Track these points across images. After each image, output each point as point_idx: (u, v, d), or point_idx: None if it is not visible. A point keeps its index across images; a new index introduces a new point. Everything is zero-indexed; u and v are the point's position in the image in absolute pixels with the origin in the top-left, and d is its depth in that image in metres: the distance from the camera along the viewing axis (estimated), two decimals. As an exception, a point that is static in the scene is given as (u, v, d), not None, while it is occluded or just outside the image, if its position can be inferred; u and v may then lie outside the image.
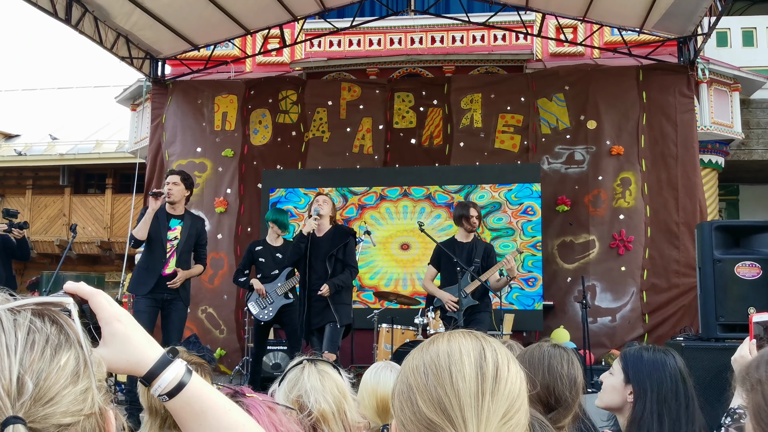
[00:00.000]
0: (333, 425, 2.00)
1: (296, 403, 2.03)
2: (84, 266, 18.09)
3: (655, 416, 2.56)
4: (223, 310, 10.68)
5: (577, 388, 2.48)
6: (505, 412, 1.10)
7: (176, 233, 6.85)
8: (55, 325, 0.92)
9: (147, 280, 6.68)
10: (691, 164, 10.06)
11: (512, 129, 10.66)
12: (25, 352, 0.87)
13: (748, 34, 12.74)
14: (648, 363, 2.65)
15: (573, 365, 2.51)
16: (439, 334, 1.22)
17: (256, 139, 11.22)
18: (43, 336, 0.90)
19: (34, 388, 0.85)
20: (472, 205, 7.30)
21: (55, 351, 0.90)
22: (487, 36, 11.79)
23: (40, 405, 0.86)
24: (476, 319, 6.92)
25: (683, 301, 9.68)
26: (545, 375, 2.41)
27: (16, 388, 0.84)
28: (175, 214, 6.93)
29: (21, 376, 0.85)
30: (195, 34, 10.60)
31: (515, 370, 1.16)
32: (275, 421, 1.31)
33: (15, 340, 0.87)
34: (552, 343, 2.63)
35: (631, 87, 10.41)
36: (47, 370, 0.87)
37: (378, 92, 11.15)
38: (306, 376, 2.08)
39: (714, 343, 4.60)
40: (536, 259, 10.00)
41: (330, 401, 2.02)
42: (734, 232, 4.81)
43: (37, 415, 0.85)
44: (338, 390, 2.06)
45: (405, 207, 10.44)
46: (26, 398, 0.85)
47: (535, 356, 2.48)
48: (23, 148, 17.83)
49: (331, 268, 6.67)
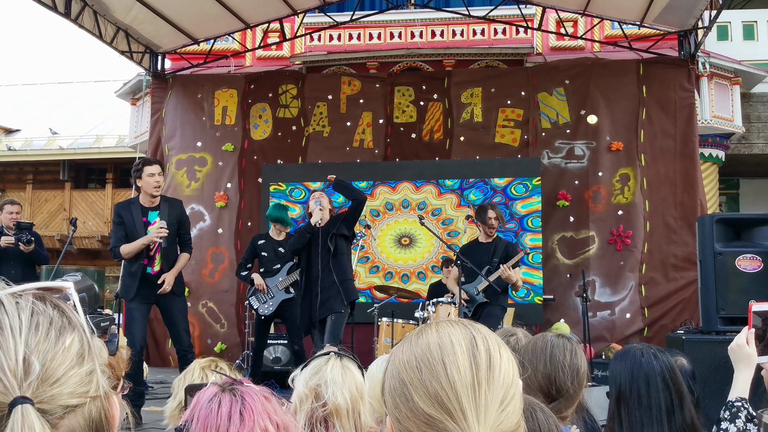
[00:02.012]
0: (345, 422, 1.99)
1: (313, 391, 2.04)
2: (84, 261, 18.10)
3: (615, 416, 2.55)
4: (224, 305, 10.69)
5: (579, 379, 2.44)
6: (502, 400, 1.09)
7: (156, 225, 6.40)
8: (57, 309, 0.92)
9: (132, 283, 6.35)
10: (691, 158, 10.06)
11: (512, 123, 10.66)
12: (30, 333, 0.87)
13: (748, 28, 12.72)
14: (619, 361, 2.64)
15: (576, 355, 2.47)
16: (427, 325, 1.20)
17: (257, 134, 11.22)
18: (46, 318, 0.90)
19: (41, 369, 0.85)
20: (490, 207, 7.40)
21: (60, 332, 0.89)
22: (488, 30, 11.77)
23: (47, 385, 0.86)
24: (486, 313, 7.04)
25: (683, 294, 9.70)
26: (546, 365, 2.38)
27: (23, 369, 0.84)
28: (152, 206, 6.44)
29: (27, 357, 0.85)
30: (195, 28, 10.58)
31: (507, 356, 1.15)
32: (269, 410, 1.31)
33: (19, 322, 0.87)
34: (557, 333, 2.59)
35: (632, 81, 10.39)
36: (53, 350, 0.87)
37: (378, 86, 11.14)
38: (329, 368, 2.08)
39: (715, 336, 4.60)
40: (536, 251, 10.00)
41: (347, 397, 2.02)
42: (735, 225, 4.80)
43: (44, 396, 0.85)
44: (357, 389, 2.06)
45: (405, 201, 10.43)
46: (33, 378, 0.85)
47: (537, 346, 2.45)
48: (22, 143, 17.83)
49: (333, 246, 6.64)
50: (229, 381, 1.36)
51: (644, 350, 2.60)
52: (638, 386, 2.52)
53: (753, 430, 2.36)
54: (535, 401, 1.77)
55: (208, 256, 10.71)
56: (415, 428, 1.10)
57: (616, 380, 2.58)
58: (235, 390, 1.31)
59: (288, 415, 1.34)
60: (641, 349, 2.62)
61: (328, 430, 1.98)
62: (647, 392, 2.50)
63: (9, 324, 0.86)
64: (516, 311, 8.98)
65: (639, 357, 2.57)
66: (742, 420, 2.37)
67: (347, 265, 6.80)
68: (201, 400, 1.30)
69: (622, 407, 2.52)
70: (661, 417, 2.46)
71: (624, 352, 2.65)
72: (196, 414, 1.28)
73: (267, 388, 1.40)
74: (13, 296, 0.90)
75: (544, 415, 1.74)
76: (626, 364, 2.58)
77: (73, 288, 0.99)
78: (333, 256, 6.64)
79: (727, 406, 2.42)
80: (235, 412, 1.27)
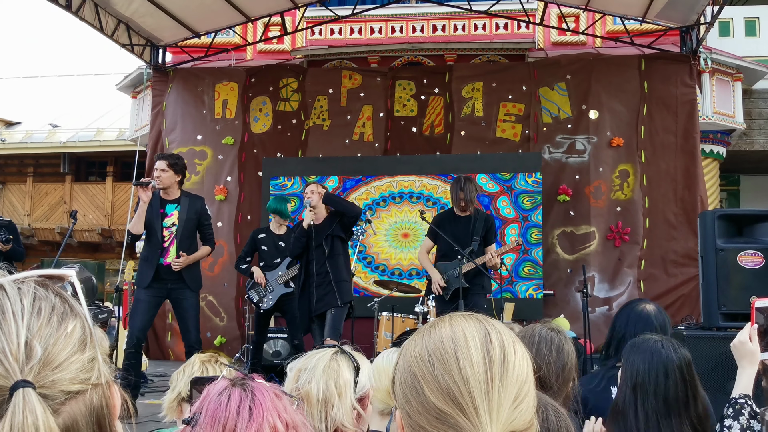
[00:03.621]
0: (314, 410, 2.00)
1: (296, 374, 2.06)
2: (85, 254, 18.11)
3: (631, 406, 2.47)
4: (224, 298, 10.70)
5: (565, 375, 2.41)
6: (515, 396, 1.07)
7: (174, 219, 6.46)
8: (59, 296, 0.92)
9: (147, 271, 6.37)
10: (691, 154, 10.05)
11: (513, 118, 10.64)
12: (32, 317, 0.87)
13: (750, 24, 12.71)
14: (636, 352, 2.55)
15: (563, 351, 2.43)
16: (439, 319, 1.18)
17: (257, 127, 11.20)
18: (48, 304, 0.89)
19: (43, 353, 0.85)
20: (460, 188, 6.79)
21: (62, 318, 0.89)
22: (489, 24, 11.75)
23: (49, 370, 0.85)
24: (470, 303, 6.53)
25: (682, 290, 9.71)
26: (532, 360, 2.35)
27: (25, 353, 0.84)
28: (170, 199, 6.51)
29: (29, 341, 0.85)
30: (196, 21, 10.56)
31: (521, 352, 1.14)
32: (279, 408, 1.30)
33: (21, 306, 0.87)
34: (548, 326, 2.54)
35: (633, 76, 10.38)
36: (55, 335, 0.87)
37: (379, 80, 11.12)
38: (317, 356, 2.09)
39: (716, 332, 4.58)
40: (537, 246, 9.99)
41: (320, 387, 2.02)
42: (737, 221, 4.79)
43: (46, 380, 0.85)
44: (336, 384, 2.05)
45: (403, 195, 10.41)
46: (35, 362, 0.84)
47: (525, 339, 2.40)
48: (23, 136, 17.81)
49: (329, 247, 6.63)
50: (240, 376, 1.35)
51: (663, 342, 2.54)
52: (657, 377, 2.45)
53: (757, 427, 2.35)
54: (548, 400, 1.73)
55: (209, 248, 10.70)
56: (425, 423, 1.08)
57: (632, 370, 2.50)
58: (245, 385, 1.30)
59: (298, 415, 1.33)
60: (660, 340, 2.55)
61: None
62: (665, 384, 2.44)
63: (11, 308, 0.86)
64: (516, 306, 8.97)
65: (659, 348, 2.50)
66: (746, 417, 2.36)
67: (343, 266, 6.77)
68: (210, 393, 1.29)
69: (639, 397, 2.45)
70: (679, 409, 2.42)
71: (640, 342, 2.57)
72: (205, 406, 1.27)
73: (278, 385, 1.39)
74: (15, 282, 0.90)
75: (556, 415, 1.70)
76: (645, 355, 2.50)
77: (76, 276, 0.99)
78: (329, 256, 6.62)
79: (730, 403, 2.41)
80: (244, 407, 1.26)
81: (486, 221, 6.89)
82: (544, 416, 1.68)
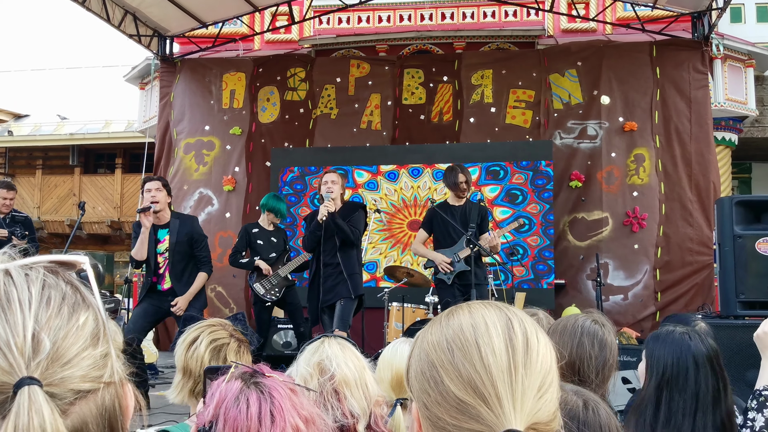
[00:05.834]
0: (355, 391, 1.96)
1: (318, 367, 1.99)
2: (94, 246, 18.14)
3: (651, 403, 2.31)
4: (233, 289, 10.68)
5: (605, 372, 2.29)
6: (539, 386, 1.02)
7: (166, 244, 6.29)
8: (71, 285, 0.83)
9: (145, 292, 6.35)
10: (705, 141, 9.93)
11: (524, 104, 10.54)
12: (40, 307, 0.78)
13: (762, 10, 12.58)
14: (660, 344, 2.37)
15: (605, 347, 2.30)
16: (458, 306, 1.13)
17: (264, 117, 11.15)
18: (59, 292, 0.81)
19: (51, 347, 0.77)
20: (460, 171, 6.90)
21: (73, 309, 0.81)
22: (498, 12, 11.65)
23: (58, 366, 0.77)
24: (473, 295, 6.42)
25: (696, 279, 9.60)
26: (572, 352, 2.22)
27: (31, 346, 0.76)
28: (162, 224, 6.32)
29: (37, 333, 0.76)
30: (203, 11, 10.50)
31: (544, 340, 1.08)
32: (297, 405, 1.25)
33: (29, 295, 0.78)
34: (592, 317, 2.39)
35: (645, 63, 10.26)
36: (65, 328, 0.79)
37: (387, 69, 11.04)
38: (326, 345, 2.05)
39: (733, 320, 4.52)
40: (548, 234, 9.90)
41: (352, 368, 1.99)
42: (755, 207, 4.71)
43: (54, 378, 0.76)
44: (358, 361, 2.03)
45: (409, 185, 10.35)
46: (42, 357, 0.76)
47: (567, 328, 2.29)
48: (32, 128, 17.83)
49: (339, 242, 6.58)
50: (249, 371, 1.28)
51: (690, 333, 2.36)
52: (686, 371, 2.28)
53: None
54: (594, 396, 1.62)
55: (216, 240, 10.66)
56: (445, 414, 1.02)
57: (658, 364, 2.32)
58: (260, 385, 1.24)
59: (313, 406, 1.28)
60: (686, 331, 2.37)
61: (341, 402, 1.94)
62: (695, 378, 2.27)
63: (17, 297, 0.78)
64: (527, 296, 8.90)
65: (687, 340, 2.33)
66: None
67: (355, 259, 6.72)
68: (226, 398, 1.23)
69: (665, 393, 2.28)
70: (706, 405, 2.25)
71: (664, 334, 2.39)
72: (222, 414, 1.21)
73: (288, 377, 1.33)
74: (22, 268, 0.81)
75: (607, 413, 1.58)
76: (671, 348, 2.33)
77: (89, 263, 0.90)
78: (340, 249, 6.57)
79: (754, 395, 2.33)
80: (266, 413, 1.21)
81: (480, 209, 6.94)
82: (595, 410, 1.55)
